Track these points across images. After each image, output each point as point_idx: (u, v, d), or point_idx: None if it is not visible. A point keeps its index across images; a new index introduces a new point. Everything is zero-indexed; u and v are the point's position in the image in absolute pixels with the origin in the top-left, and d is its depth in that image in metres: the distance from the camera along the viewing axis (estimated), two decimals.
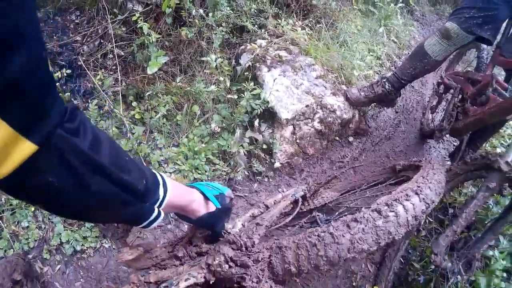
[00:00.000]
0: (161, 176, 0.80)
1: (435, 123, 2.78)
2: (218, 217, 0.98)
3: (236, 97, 2.34)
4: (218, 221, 1.00)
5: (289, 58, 2.58)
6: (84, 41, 2.59)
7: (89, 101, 2.39)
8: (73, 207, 0.62)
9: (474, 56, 2.98)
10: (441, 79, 2.62)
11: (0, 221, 1.80)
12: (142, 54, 2.45)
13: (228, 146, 2.22)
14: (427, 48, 2.23)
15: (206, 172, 2.15)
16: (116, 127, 2.24)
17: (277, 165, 2.29)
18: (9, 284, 1.14)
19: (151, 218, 0.76)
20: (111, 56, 2.51)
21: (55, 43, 2.50)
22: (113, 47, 2.42)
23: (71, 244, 1.83)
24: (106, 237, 1.88)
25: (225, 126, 2.32)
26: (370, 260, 2.03)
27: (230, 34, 2.72)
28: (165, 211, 0.80)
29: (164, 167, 2.14)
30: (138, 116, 2.33)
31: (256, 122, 2.33)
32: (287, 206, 1.48)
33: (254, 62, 2.49)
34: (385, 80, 2.48)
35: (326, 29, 3.01)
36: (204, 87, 2.35)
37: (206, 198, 0.96)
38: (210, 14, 2.50)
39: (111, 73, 2.52)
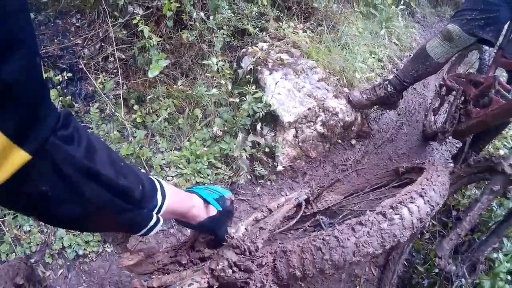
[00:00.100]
0: (158, 181, 0.78)
1: (438, 125, 2.77)
2: (219, 221, 0.98)
3: (238, 100, 2.34)
4: (220, 225, 0.99)
5: (290, 61, 2.58)
6: (85, 44, 2.58)
7: (90, 104, 2.38)
8: (68, 216, 0.60)
9: (476, 57, 2.97)
10: (443, 81, 2.61)
11: (2, 225, 1.80)
12: (143, 57, 2.44)
13: (230, 150, 2.21)
14: (429, 50, 2.22)
15: (208, 176, 2.14)
16: (117, 131, 2.23)
17: (279, 168, 2.28)
18: None
19: (150, 224, 0.74)
20: (112, 59, 2.51)
21: (56, 46, 2.50)
22: (114, 50, 2.42)
23: (73, 248, 1.82)
24: (107, 242, 1.87)
25: (227, 129, 2.31)
26: (374, 263, 2.01)
27: (231, 37, 2.71)
28: (164, 218, 0.78)
29: (166, 171, 2.13)
30: (139, 119, 2.32)
31: (258, 126, 2.32)
32: (291, 210, 1.47)
33: (255, 65, 2.49)
34: (387, 82, 2.47)
35: (327, 31, 3.01)
36: (205, 91, 2.35)
37: (206, 202, 0.95)
38: (211, 17, 2.50)
39: (112, 76, 2.52)
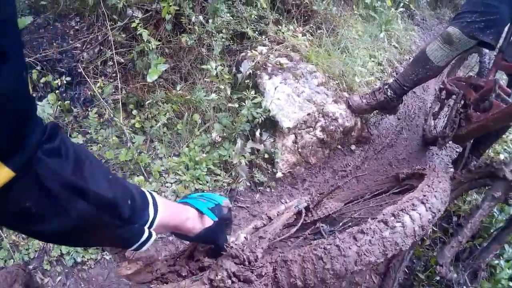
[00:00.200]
0: (151, 194, 0.76)
1: (438, 130, 2.76)
2: (217, 231, 0.94)
3: (237, 105, 2.32)
4: (218, 234, 0.96)
5: (290, 65, 2.56)
6: (83, 47, 2.57)
7: (89, 109, 2.37)
8: (53, 232, 0.58)
9: (475, 60, 2.96)
10: (443, 85, 2.60)
11: (0, 231, 1.79)
12: (142, 61, 2.43)
13: (229, 156, 2.20)
14: (429, 53, 2.21)
15: (207, 182, 2.13)
16: (116, 136, 2.22)
17: (279, 175, 2.27)
18: None
19: (142, 240, 0.71)
20: (111, 63, 2.50)
21: (55, 50, 2.48)
22: (113, 54, 2.41)
23: (72, 255, 1.81)
24: (105, 249, 1.86)
25: (226, 135, 2.30)
26: (374, 271, 2.00)
27: (231, 41, 2.70)
28: (157, 232, 0.76)
29: (165, 177, 2.12)
30: (138, 125, 2.31)
31: (257, 132, 2.31)
32: (291, 218, 1.46)
33: (255, 69, 2.48)
34: (387, 87, 2.46)
35: (327, 35, 2.99)
36: (204, 96, 2.33)
37: (201, 213, 0.91)
38: (210, 21, 2.49)
39: (111, 80, 2.50)
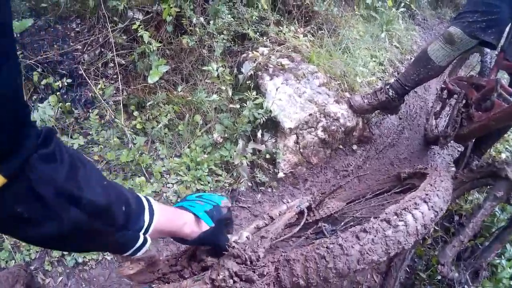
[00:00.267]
0: (147, 200, 0.75)
1: (439, 129, 2.75)
2: (215, 233, 0.93)
3: (238, 106, 2.32)
4: (218, 236, 0.95)
5: (291, 66, 2.56)
6: (84, 49, 2.57)
7: (90, 110, 2.37)
8: (44, 238, 0.58)
9: (477, 60, 2.96)
10: (444, 84, 2.60)
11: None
12: (143, 63, 2.43)
13: (231, 157, 2.20)
14: (431, 53, 2.21)
15: (209, 183, 2.13)
16: (117, 137, 2.23)
17: (280, 175, 2.27)
18: None
19: (136, 246, 0.71)
20: (112, 65, 2.50)
21: (56, 52, 2.49)
22: (113, 56, 2.41)
23: (73, 256, 1.81)
24: None
25: (227, 136, 2.30)
26: (376, 270, 2.00)
27: (232, 42, 2.70)
28: (153, 238, 0.75)
29: (166, 178, 2.12)
30: (139, 126, 2.31)
31: (259, 133, 2.31)
32: (292, 218, 1.46)
33: (256, 70, 2.48)
34: (388, 87, 2.46)
35: (328, 35, 2.99)
36: (206, 96, 2.34)
37: (198, 217, 0.91)
38: (211, 22, 2.49)
39: (112, 82, 2.51)
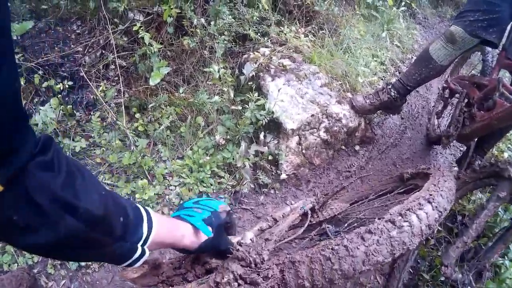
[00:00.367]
0: (145, 211, 0.74)
1: (441, 129, 2.75)
2: (216, 240, 0.92)
3: (240, 108, 2.32)
4: (219, 242, 0.94)
5: (293, 67, 2.56)
6: (85, 51, 2.57)
7: (91, 113, 2.37)
8: (40, 246, 0.56)
9: (478, 59, 2.96)
10: (446, 84, 2.59)
11: None
12: (144, 65, 2.43)
13: (233, 159, 2.20)
14: (432, 53, 2.20)
15: (211, 185, 2.12)
16: (119, 140, 2.22)
17: (283, 176, 2.26)
18: None
19: (134, 257, 0.70)
20: (113, 67, 2.50)
21: (57, 54, 2.48)
22: (114, 58, 2.41)
23: None
24: None
25: (229, 137, 2.30)
26: (379, 271, 1.99)
27: (233, 43, 2.69)
28: (151, 249, 0.74)
29: (168, 180, 2.12)
30: (141, 128, 2.31)
31: (261, 134, 2.31)
32: (296, 219, 1.46)
33: (257, 71, 2.47)
34: (390, 86, 2.45)
35: (329, 35, 2.99)
36: (207, 98, 2.33)
37: (196, 227, 0.89)
38: (212, 23, 2.48)
39: (114, 84, 2.50)
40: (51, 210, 0.52)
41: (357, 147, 2.64)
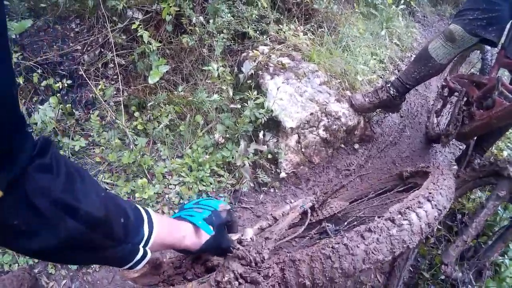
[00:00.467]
0: (146, 212, 0.73)
1: (441, 127, 2.75)
2: (217, 239, 0.92)
3: (239, 106, 2.32)
4: (220, 241, 0.94)
5: (292, 65, 2.56)
6: (84, 50, 2.56)
7: (90, 111, 2.36)
8: (41, 250, 0.56)
9: (477, 57, 2.96)
10: (445, 82, 2.59)
11: None
12: (143, 63, 2.42)
13: (232, 157, 2.20)
14: (431, 51, 2.20)
15: (211, 184, 2.12)
16: (118, 138, 2.22)
17: (282, 175, 2.26)
18: None
19: (136, 259, 0.69)
20: (112, 65, 2.49)
21: (55, 53, 2.47)
22: (113, 56, 2.40)
23: None
24: None
25: (229, 136, 2.29)
26: (380, 270, 2.00)
27: (232, 41, 2.69)
28: (154, 250, 0.73)
29: (168, 179, 2.12)
30: (140, 126, 2.30)
31: (260, 133, 2.30)
32: (296, 218, 1.46)
33: (256, 69, 2.47)
34: (389, 85, 2.45)
35: (328, 33, 2.98)
36: (206, 97, 2.33)
37: (197, 227, 0.89)
38: (210, 21, 2.48)
39: (113, 82, 2.49)
40: (51, 213, 0.52)
41: (356, 146, 2.64)
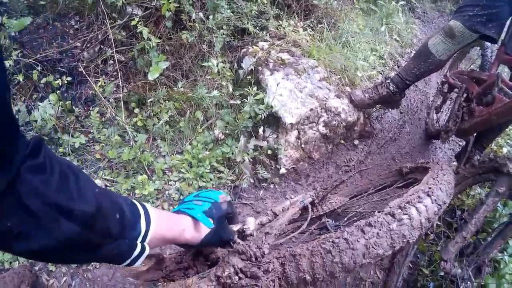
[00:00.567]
0: (143, 206, 0.72)
1: (440, 123, 2.75)
2: (218, 232, 0.92)
3: (239, 102, 2.32)
4: (221, 234, 0.93)
5: (291, 61, 2.55)
6: (84, 47, 2.56)
7: (90, 108, 2.37)
8: (37, 252, 0.55)
9: (477, 53, 2.95)
10: (445, 78, 2.59)
11: None
12: (143, 59, 2.42)
13: (232, 153, 2.20)
14: (431, 47, 2.20)
15: (211, 180, 2.12)
16: (118, 135, 2.22)
17: (282, 171, 2.26)
18: None
19: (134, 255, 0.68)
20: (112, 62, 2.49)
21: (55, 50, 2.47)
22: (113, 53, 2.40)
23: None
24: None
25: (229, 132, 2.29)
26: (379, 266, 2.00)
27: (231, 37, 2.68)
28: (152, 246, 0.72)
29: (168, 176, 2.12)
30: (140, 123, 2.30)
31: (260, 129, 2.30)
32: (296, 213, 1.46)
33: (256, 65, 2.47)
34: (389, 81, 2.45)
35: (328, 29, 2.98)
36: (206, 93, 2.32)
37: (197, 220, 0.88)
38: (210, 17, 2.47)
39: (112, 79, 2.49)
40: (45, 214, 0.51)
41: (356, 142, 2.64)
